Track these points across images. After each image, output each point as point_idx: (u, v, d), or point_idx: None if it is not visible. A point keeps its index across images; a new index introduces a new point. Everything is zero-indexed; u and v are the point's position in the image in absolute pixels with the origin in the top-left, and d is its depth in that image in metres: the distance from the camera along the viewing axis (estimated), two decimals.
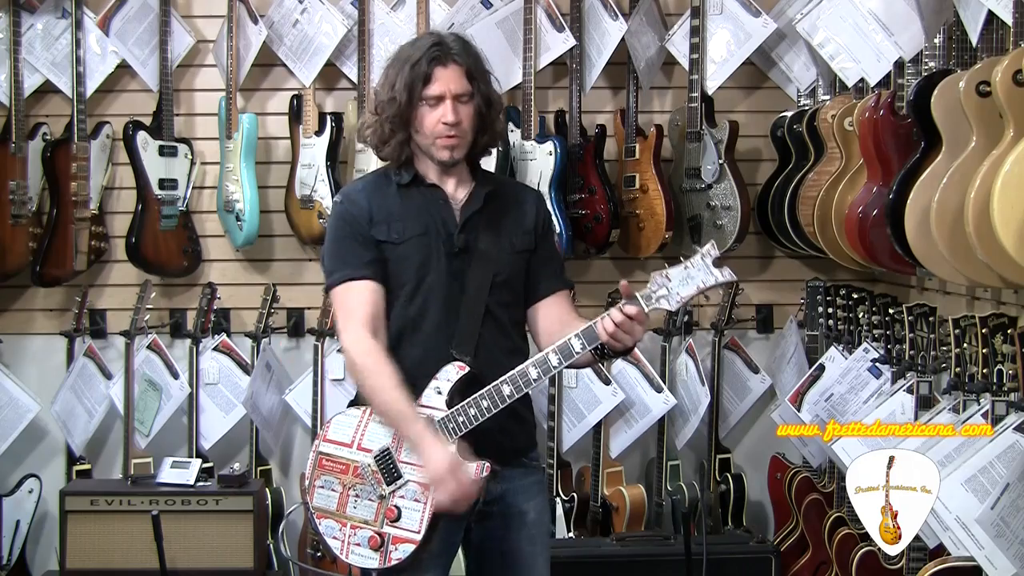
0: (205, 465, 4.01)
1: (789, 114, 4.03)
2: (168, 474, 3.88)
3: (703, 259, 2.41)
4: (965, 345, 2.96)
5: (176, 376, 4.20)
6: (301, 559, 4.10)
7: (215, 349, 4.26)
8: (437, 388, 2.53)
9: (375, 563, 2.53)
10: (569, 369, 3.85)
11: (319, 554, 4.00)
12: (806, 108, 3.98)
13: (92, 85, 4.19)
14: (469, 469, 2.46)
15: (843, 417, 3.58)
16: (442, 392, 2.53)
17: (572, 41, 4.08)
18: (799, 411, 3.76)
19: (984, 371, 2.88)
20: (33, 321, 4.36)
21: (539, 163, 4.04)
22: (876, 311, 3.60)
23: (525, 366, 2.49)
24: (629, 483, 4.24)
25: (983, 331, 2.89)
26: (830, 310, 3.93)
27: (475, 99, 2.58)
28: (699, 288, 2.41)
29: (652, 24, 4.16)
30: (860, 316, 3.71)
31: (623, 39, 4.06)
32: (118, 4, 4.19)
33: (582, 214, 4.12)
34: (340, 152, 4.24)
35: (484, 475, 2.48)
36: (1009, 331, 2.85)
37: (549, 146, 4.03)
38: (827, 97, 3.91)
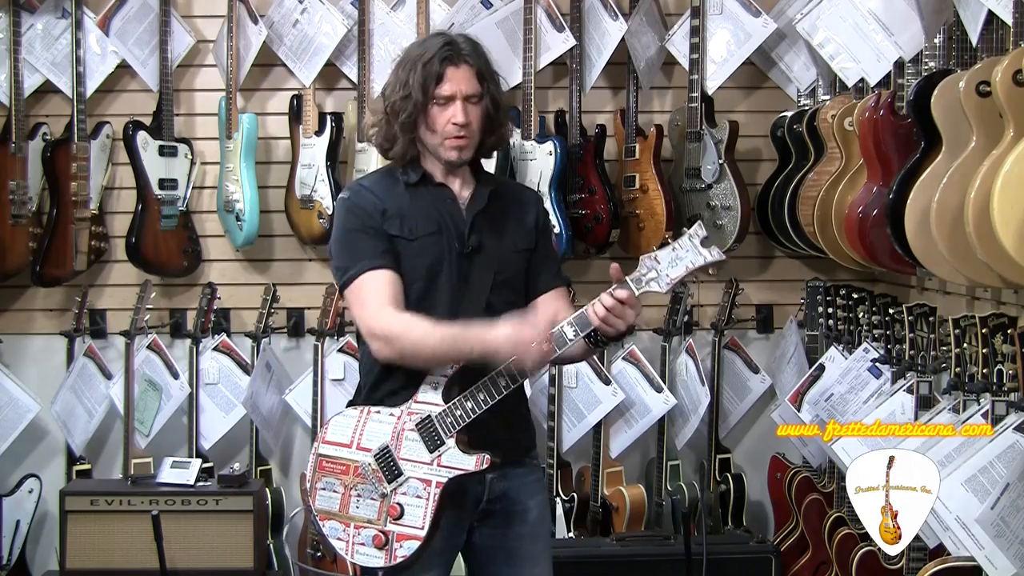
0: (205, 465, 4.00)
1: (789, 114, 4.03)
2: (168, 474, 3.88)
3: (691, 240, 2.40)
4: (965, 345, 2.96)
5: (176, 376, 4.20)
6: (301, 559, 4.10)
7: (215, 349, 4.26)
8: (433, 384, 2.53)
9: (380, 562, 2.53)
10: (567, 364, 3.92)
11: (319, 554, 4.01)
12: (806, 108, 3.98)
13: (92, 85, 4.19)
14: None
15: (843, 417, 3.57)
16: (438, 388, 2.53)
17: (572, 41, 4.08)
18: (799, 411, 3.76)
19: (984, 371, 2.88)
20: (33, 321, 4.36)
21: (539, 163, 4.04)
22: (876, 311, 3.60)
23: None
24: (629, 483, 4.24)
25: (983, 331, 2.89)
26: (830, 310, 3.93)
27: (484, 100, 2.57)
28: (688, 268, 2.40)
29: (652, 24, 4.16)
30: (860, 316, 3.71)
31: (623, 39, 4.06)
32: (118, 4, 4.19)
33: (582, 214, 4.13)
34: (340, 152, 4.24)
35: (484, 466, 2.49)
36: (1009, 331, 2.85)
37: (549, 146, 4.03)
38: (827, 97, 3.91)
